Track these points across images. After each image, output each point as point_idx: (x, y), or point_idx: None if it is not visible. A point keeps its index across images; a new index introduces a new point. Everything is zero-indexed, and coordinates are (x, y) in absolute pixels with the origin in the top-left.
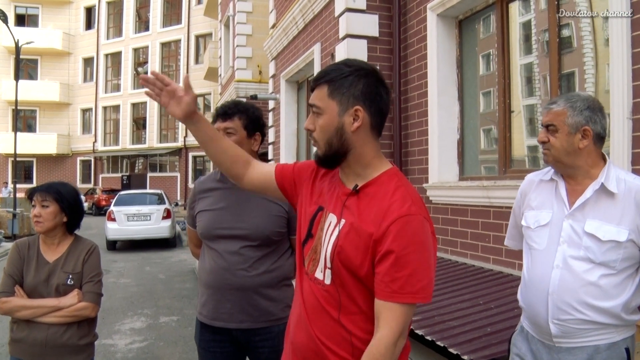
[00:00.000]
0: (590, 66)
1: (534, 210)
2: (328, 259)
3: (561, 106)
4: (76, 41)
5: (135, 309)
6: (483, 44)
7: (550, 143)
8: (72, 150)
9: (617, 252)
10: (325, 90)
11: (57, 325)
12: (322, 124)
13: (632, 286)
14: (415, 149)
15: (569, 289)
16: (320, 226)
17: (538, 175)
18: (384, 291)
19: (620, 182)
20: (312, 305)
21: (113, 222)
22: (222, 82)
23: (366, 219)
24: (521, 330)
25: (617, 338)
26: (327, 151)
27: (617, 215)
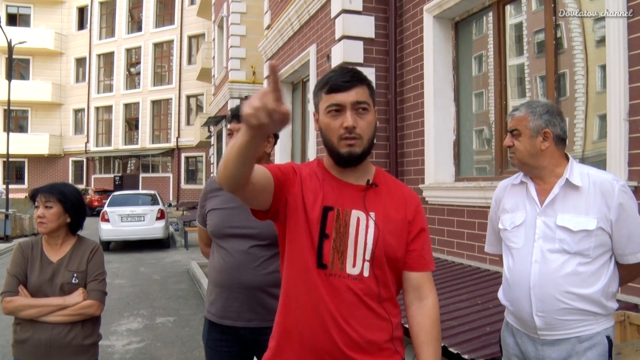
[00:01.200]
0: (581, 67)
1: (509, 213)
2: (369, 252)
3: (523, 112)
4: (68, 41)
5: (131, 309)
6: (479, 45)
7: (515, 147)
8: (64, 150)
9: (589, 241)
10: (367, 91)
11: (62, 326)
12: (370, 120)
13: (608, 273)
14: (412, 149)
15: (549, 281)
16: (337, 224)
17: (509, 181)
18: (421, 264)
19: (584, 176)
20: (347, 302)
21: (107, 222)
22: (216, 82)
23: (392, 206)
24: (506, 325)
25: (598, 329)
26: (368, 147)
27: (584, 206)
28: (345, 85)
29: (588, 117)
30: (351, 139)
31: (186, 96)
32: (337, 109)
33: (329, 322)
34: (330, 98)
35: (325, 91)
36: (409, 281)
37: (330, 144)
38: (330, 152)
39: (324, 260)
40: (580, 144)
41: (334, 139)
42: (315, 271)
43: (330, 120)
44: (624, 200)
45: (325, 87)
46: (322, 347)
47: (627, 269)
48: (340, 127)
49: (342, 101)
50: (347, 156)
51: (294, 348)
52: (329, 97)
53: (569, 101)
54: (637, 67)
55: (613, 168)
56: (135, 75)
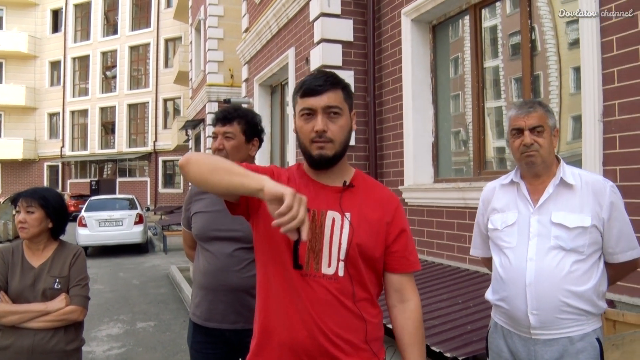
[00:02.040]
0: (554, 69)
1: (500, 213)
2: (343, 251)
3: (541, 109)
4: (42, 44)
5: (111, 315)
6: (457, 48)
7: (539, 144)
8: (38, 155)
9: (584, 238)
10: (341, 94)
11: (44, 331)
12: (342, 124)
13: (598, 271)
14: (390, 151)
15: (546, 278)
16: (313, 225)
17: (497, 182)
18: (404, 265)
19: (576, 176)
20: (322, 301)
21: (84, 227)
22: (193, 86)
23: (369, 207)
24: (495, 327)
25: (588, 329)
26: (340, 150)
27: (577, 204)
28: (318, 89)
29: (562, 118)
30: (321, 142)
31: (163, 99)
32: (309, 112)
33: (308, 321)
34: (304, 102)
35: (300, 95)
36: (390, 283)
37: (303, 147)
38: (304, 154)
39: (300, 260)
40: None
41: (307, 142)
42: (292, 272)
43: (303, 124)
44: (615, 199)
45: (300, 90)
46: (300, 346)
47: (616, 268)
48: (311, 131)
49: (314, 105)
50: (317, 158)
51: (273, 347)
52: (303, 101)
53: (544, 102)
54: (611, 69)
55: (588, 168)
56: (111, 78)
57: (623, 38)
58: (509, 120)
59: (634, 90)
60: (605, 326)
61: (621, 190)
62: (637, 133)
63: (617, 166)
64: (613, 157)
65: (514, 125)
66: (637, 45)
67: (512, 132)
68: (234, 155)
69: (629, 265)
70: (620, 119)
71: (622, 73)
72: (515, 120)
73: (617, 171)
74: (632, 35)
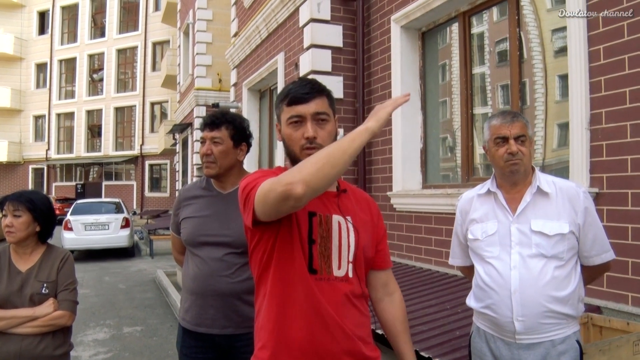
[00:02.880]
0: (540, 77)
1: (479, 223)
2: (351, 253)
3: (523, 119)
4: (29, 46)
5: (97, 319)
6: (446, 55)
7: (523, 153)
8: (23, 158)
9: (563, 244)
10: (326, 101)
11: (32, 336)
12: (330, 130)
13: (576, 275)
14: (379, 157)
15: (530, 285)
16: (321, 229)
17: (473, 192)
18: (387, 262)
19: (550, 183)
20: (340, 303)
21: (70, 231)
22: (181, 90)
23: (360, 210)
24: (477, 331)
25: (569, 332)
26: None
27: (555, 212)
28: (305, 96)
29: (548, 125)
30: (312, 149)
31: (150, 103)
32: (298, 120)
33: (330, 324)
34: (291, 110)
35: (286, 103)
36: (378, 279)
37: (293, 154)
38: (293, 162)
39: (314, 265)
40: (541, 151)
41: (296, 149)
42: (307, 277)
43: (292, 131)
44: (588, 204)
45: (286, 99)
46: (325, 348)
47: (590, 270)
48: (301, 138)
49: (303, 112)
50: None
51: (294, 355)
52: (290, 109)
53: (530, 109)
54: (598, 78)
55: (576, 175)
56: (98, 81)
57: (610, 47)
58: (491, 128)
59: (621, 99)
60: (592, 332)
61: (607, 198)
62: (623, 141)
63: (604, 174)
64: (600, 165)
65: (498, 133)
66: (624, 54)
67: (496, 140)
68: (222, 160)
69: (602, 267)
70: (607, 127)
71: (608, 82)
72: (500, 129)
73: (604, 179)
74: (619, 45)
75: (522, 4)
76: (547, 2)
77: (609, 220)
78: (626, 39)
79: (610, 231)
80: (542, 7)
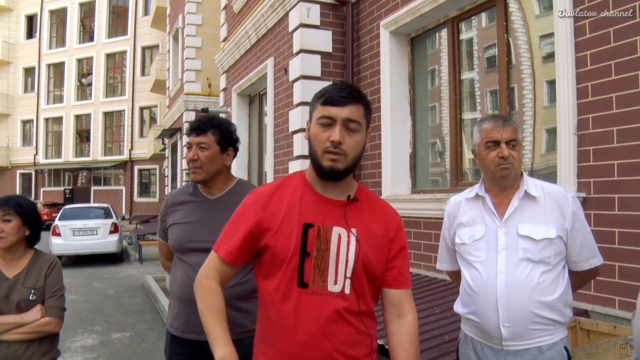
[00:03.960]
0: (529, 82)
1: (466, 227)
2: (350, 268)
3: (514, 124)
4: (16, 50)
5: (86, 325)
6: (434, 60)
7: (514, 157)
8: (11, 162)
9: (550, 249)
10: (362, 110)
11: (19, 343)
12: (359, 140)
13: (564, 280)
14: (369, 162)
15: (517, 290)
16: (318, 242)
17: (461, 196)
18: (401, 281)
19: (538, 188)
20: (328, 320)
21: (58, 237)
22: (170, 94)
23: (374, 222)
24: (465, 338)
25: (556, 338)
26: (352, 165)
27: (542, 216)
28: (341, 100)
29: (536, 130)
30: (335, 154)
31: (139, 108)
32: (328, 122)
33: (309, 340)
34: (324, 109)
35: (321, 102)
36: (388, 298)
37: (314, 155)
38: (313, 162)
39: (305, 279)
40: (529, 156)
41: (319, 151)
42: (298, 290)
43: (319, 131)
44: (577, 209)
45: (322, 98)
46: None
47: (579, 275)
48: (327, 140)
49: (335, 115)
50: (328, 170)
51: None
52: (323, 109)
53: (518, 115)
54: (585, 83)
55: (563, 180)
56: (87, 86)
57: (596, 53)
58: (482, 132)
59: (607, 105)
60: (580, 336)
61: (594, 203)
62: (610, 146)
63: (591, 179)
64: (587, 170)
65: (490, 137)
66: (610, 60)
67: (487, 144)
68: (208, 165)
69: (591, 273)
70: (594, 132)
71: (595, 87)
72: (491, 133)
73: (591, 184)
74: (605, 50)
75: (511, 10)
76: (535, 9)
77: (596, 224)
78: (612, 45)
79: (598, 235)
80: (531, 13)
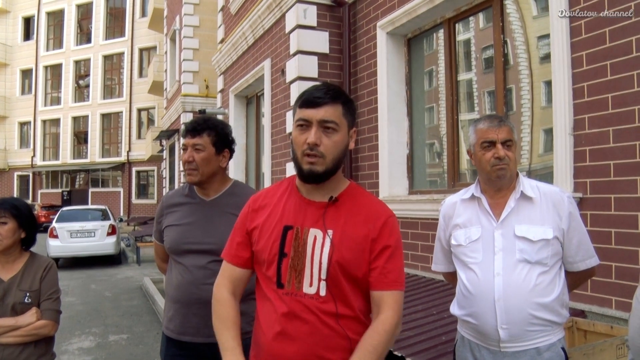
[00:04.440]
0: (526, 83)
1: (462, 229)
2: (323, 270)
3: (510, 124)
4: (14, 52)
5: (83, 328)
6: (431, 61)
7: (509, 158)
8: (8, 165)
9: (547, 250)
10: (340, 109)
11: (14, 346)
12: (337, 140)
13: (560, 281)
14: (366, 163)
15: (514, 292)
16: (295, 244)
17: (456, 197)
18: (383, 282)
19: (534, 188)
20: (303, 321)
21: (55, 239)
22: (168, 96)
23: (354, 223)
24: (462, 340)
25: (554, 339)
26: (332, 167)
27: (539, 217)
28: (317, 101)
29: (534, 131)
30: (312, 156)
31: (137, 109)
32: (304, 124)
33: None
34: (301, 112)
35: (299, 104)
36: (372, 299)
37: (295, 158)
38: (295, 166)
39: (282, 279)
40: (527, 157)
41: (298, 154)
42: (276, 291)
43: (297, 134)
44: (573, 209)
45: (300, 100)
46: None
47: (575, 276)
48: (304, 143)
49: (310, 117)
50: (307, 173)
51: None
52: (300, 111)
53: (516, 115)
54: (581, 84)
55: (560, 180)
56: (85, 87)
57: (592, 54)
58: (477, 132)
59: (603, 105)
60: (577, 336)
61: (591, 203)
62: (606, 146)
63: (587, 179)
64: (583, 170)
65: (485, 137)
66: (606, 61)
67: (483, 144)
68: (204, 167)
69: (587, 273)
70: (590, 133)
71: (591, 88)
72: (487, 133)
73: (587, 184)
74: (601, 51)
75: (508, 10)
76: (532, 9)
77: (592, 224)
78: (608, 46)
79: (594, 236)
80: (528, 14)
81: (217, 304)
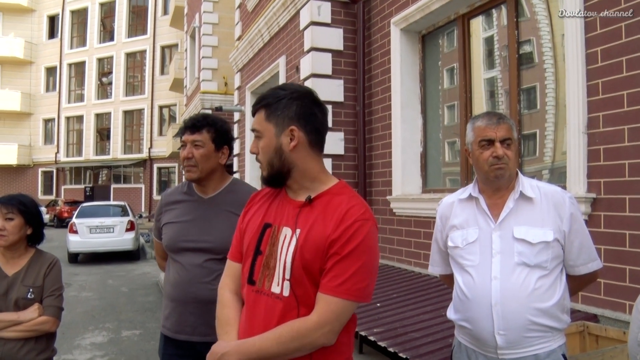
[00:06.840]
0: (551, 81)
1: (459, 230)
2: (288, 269)
3: (509, 122)
4: (39, 50)
5: (97, 323)
6: (445, 58)
7: (509, 157)
8: (33, 161)
9: (547, 253)
10: (262, 115)
11: (15, 341)
12: (262, 146)
13: (561, 285)
14: (379, 161)
15: (512, 297)
16: (271, 242)
17: (454, 197)
18: (326, 285)
19: (534, 188)
20: (267, 320)
21: (75, 234)
22: (188, 93)
23: (323, 223)
24: (459, 346)
25: (554, 345)
26: (270, 171)
27: (539, 218)
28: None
29: (558, 128)
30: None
31: (159, 106)
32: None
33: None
34: None
35: None
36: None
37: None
38: None
39: (254, 276)
40: (550, 155)
41: None
42: (248, 287)
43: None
44: (574, 210)
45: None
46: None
47: (577, 280)
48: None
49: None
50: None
51: None
52: None
53: (540, 113)
54: (595, 80)
55: (572, 180)
56: (107, 85)
57: (607, 49)
58: (475, 130)
59: (618, 102)
60: (588, 341)
61: (605, 203)
62: (621, 145)
63: (601, 179)
64: (597, 170)
65: (484, 136)
66: (622, 56)
67: (481, 143)
68: (203, 163)
69: (589, 277)
70: (605, 131)
71: (606, 85)
72: (485, 131)
73: (601, 184)
74: (617, 46)
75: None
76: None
77: (606, 226)
78: (624, 41)
79: (608, 238)
80: (541, 10)
81: (219, 307)
